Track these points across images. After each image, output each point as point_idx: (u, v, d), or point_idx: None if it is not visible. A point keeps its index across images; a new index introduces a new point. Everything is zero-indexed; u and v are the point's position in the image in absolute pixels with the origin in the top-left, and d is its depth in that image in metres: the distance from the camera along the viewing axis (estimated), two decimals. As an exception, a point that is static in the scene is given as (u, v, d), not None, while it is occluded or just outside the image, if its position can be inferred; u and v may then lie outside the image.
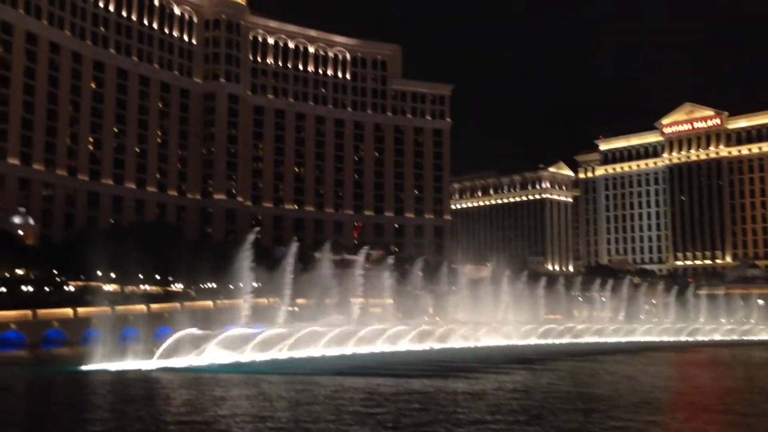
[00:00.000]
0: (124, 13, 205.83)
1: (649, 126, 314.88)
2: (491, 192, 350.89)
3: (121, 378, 59.64)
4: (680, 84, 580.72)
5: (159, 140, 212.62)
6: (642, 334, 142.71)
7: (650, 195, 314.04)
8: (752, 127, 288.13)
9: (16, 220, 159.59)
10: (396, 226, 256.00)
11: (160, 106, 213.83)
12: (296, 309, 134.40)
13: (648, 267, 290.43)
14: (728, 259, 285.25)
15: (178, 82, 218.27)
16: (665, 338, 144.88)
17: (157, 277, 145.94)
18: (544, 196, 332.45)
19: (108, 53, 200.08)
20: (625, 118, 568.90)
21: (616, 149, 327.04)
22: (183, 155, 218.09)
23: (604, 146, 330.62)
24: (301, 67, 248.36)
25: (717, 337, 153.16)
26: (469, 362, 76.87)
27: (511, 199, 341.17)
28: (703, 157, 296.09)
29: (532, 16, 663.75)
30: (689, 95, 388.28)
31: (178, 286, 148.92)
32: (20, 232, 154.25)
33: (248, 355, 74.47)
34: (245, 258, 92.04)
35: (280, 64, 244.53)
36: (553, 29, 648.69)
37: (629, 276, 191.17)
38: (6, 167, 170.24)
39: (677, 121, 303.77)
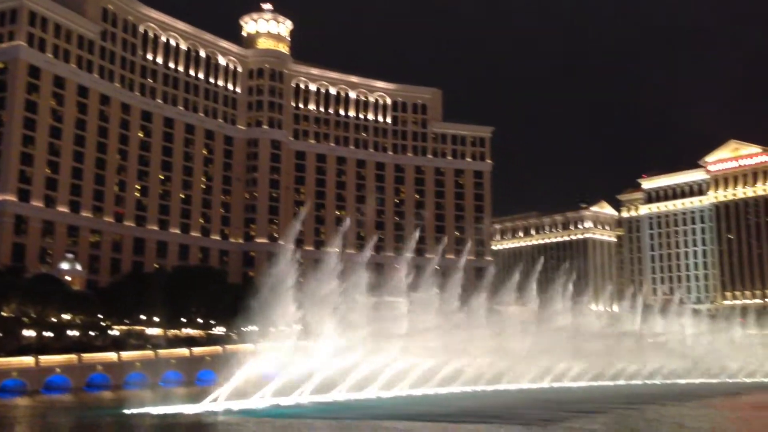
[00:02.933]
0: (171, 65, 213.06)
1: (694, 164, 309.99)
2: (533, 232, 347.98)
3: (162, 422, 60.34)
4: (724, 121, 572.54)
5: (203, 186, 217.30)
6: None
7: (696, 233, 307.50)
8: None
9: (64, 266, 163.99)
10: (437, 267, 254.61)
11: (205, 153, 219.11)
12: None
13: (695, 306, 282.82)
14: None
15: (222, 129, 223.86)
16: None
17: (200, 320, 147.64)
18: (586, 235, 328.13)
19: (155, 103, 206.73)
20: (669, 156, 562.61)
21: (659, 188, 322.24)
22: (226, 200, 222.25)
23: (647, 185, 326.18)
24: (342, 112, 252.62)
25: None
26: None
27: (553, 239, 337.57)
28: (750, 194, 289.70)
29: (573, 54, 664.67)
30: (734, 132, 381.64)
31: (220, 330, 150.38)
32: (68, 278, 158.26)
33: (303, 397, 74.52)
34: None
35: (322, 109, 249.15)
36: (594, 67, 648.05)
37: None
38: (55, 214, 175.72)
39: (722, 159, 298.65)
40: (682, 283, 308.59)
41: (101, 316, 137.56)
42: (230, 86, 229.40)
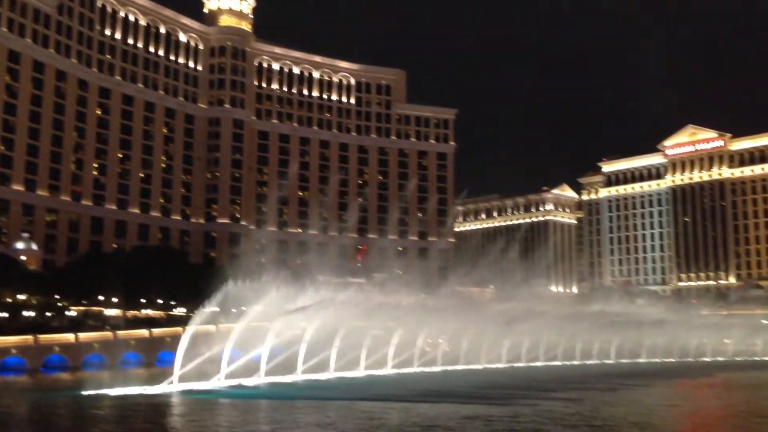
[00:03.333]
0: (130, 41, 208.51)
1: (652, 148, 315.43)
2: (495, 214, 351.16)
3: (120, 403, 59.78)
4: (683, 106, 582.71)
5: (163, 165, 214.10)
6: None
7: (653, 216, 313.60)
8: (755, 148, 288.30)
9: (20, 245, 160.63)
10: (400, 248, 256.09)
11: (165, 131, 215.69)
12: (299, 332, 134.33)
13: (651, 288, 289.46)
14: (731, 279, 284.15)
15: (182, 107, 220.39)
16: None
17: (160, 301, 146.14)
18: (547, 218, 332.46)
19: (114, 80, 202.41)
20: (630, 140, 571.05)
21: (619, 171, 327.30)
22: (187, 180, 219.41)
23: (607, 168, 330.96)
24: (305, 92, 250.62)
25: (720, 358, 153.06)
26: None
27: (515, 222, 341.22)
28: (706, 178, 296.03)
29: (537, 40, 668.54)
30: (692, 117, 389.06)
31: (181, 311, 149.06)
32: (23, 258, 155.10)
33: (263, 378, 74.44)
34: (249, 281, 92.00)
35: (285, 89, 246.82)
36: (558, 52, 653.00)
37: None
38: (10, 193, 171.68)
39: (680, 143, 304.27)
40: (640, 265, 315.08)
41: (58, 297, 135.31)
42: (191, 64, 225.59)
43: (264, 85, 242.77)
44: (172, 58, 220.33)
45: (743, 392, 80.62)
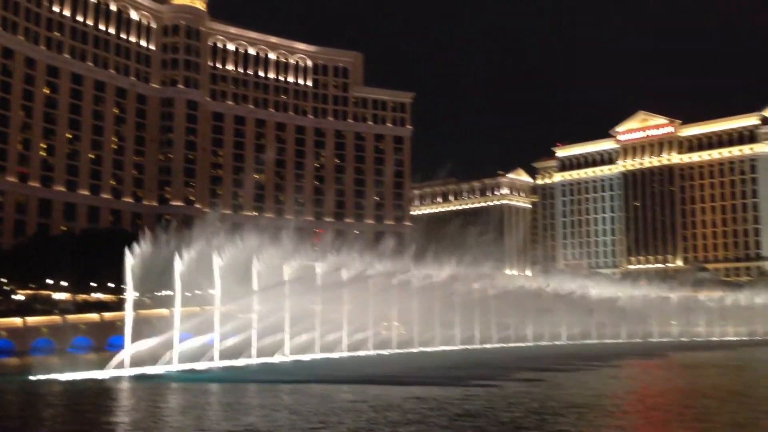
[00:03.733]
0: (79, 18, 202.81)
1: (605, 134, 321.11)
2: (451, 198, 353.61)
3: (69, 388, 58.79)
4: (636, 93, 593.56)
5: (114, 146, 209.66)
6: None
7: (605, 201, 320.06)
8: (703, 135, 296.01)
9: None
10: (356, 232, 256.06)
11: (116, 111, 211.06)
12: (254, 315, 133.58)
13: (603, 271, 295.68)
14: (679, 262, 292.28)
15: (134, 87, 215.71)
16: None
17: (111, 285, 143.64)
18: (503, 202, 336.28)
19: (62, 58, 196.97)
20: (584, 126, 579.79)
21: (572, 156, 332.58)
22: (139, 161, 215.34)
23: (561, 153, 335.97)
24: (261, 73, 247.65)
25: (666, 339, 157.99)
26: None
27: (471, 205, 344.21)
28: (656, 164, 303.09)
29: (494, 24, 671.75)
30: (643, 104, 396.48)
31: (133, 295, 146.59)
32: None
33: (214, 362, 73.91)
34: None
35: (241, 70, 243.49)
36: (516, 38, 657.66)
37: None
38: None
39: (631, 129, 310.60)
40: (591, 248, 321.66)
41: (5, 281, 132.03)
42: (143, 43, 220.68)
43: (219, 65, 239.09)
44: (124, 36, 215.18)
45: (703, 371, 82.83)
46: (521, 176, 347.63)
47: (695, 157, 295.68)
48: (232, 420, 41.59)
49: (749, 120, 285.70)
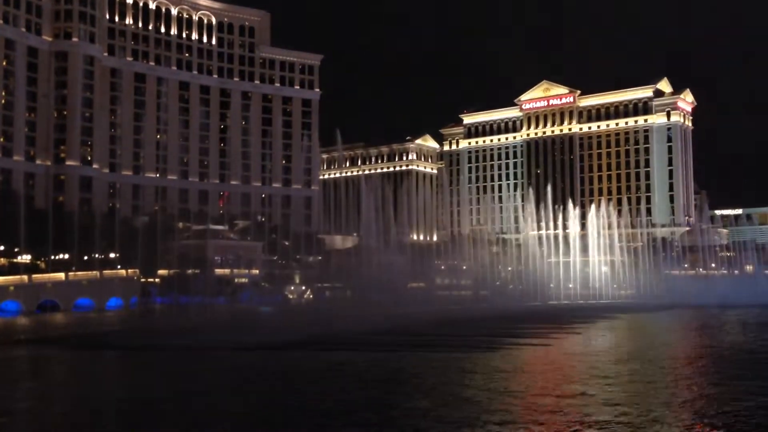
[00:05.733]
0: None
1: (510, 102, 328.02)
2: (359, 163, 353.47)
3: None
4: (541, 62, 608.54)
5: (4, 101, 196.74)
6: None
7: (509, 168, 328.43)
8: (601, 105, 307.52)
9: None
10: (263, 196, 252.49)
11: (5, 64, 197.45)
12: (157, 281, 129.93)
13: (507, 237, 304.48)
14: (577, 229, 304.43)
15: (25, 39, 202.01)
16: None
17: (1, 248, 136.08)
18: (411, 167, 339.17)
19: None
20: (493, 94, 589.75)
21: (479, 123, 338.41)
22: (31, 118, 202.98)
23: (468, 120, 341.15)
24: (163, 29, 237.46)
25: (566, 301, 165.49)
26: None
27: (379, 170, 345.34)
28: (557, 132, 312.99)
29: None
30: (546, 74, 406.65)
31: (25, 258, 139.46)
32: None
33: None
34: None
35: (140, 25, 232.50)
36: (427, 5, 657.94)
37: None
38: None
39: (534, 98, 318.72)
40: (496, 214, 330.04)
41: None
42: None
43: (117, 19, 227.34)
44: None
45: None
46: (429, 142, 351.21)
47: (593, 126, 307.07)
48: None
49: (644, 92, 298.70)
